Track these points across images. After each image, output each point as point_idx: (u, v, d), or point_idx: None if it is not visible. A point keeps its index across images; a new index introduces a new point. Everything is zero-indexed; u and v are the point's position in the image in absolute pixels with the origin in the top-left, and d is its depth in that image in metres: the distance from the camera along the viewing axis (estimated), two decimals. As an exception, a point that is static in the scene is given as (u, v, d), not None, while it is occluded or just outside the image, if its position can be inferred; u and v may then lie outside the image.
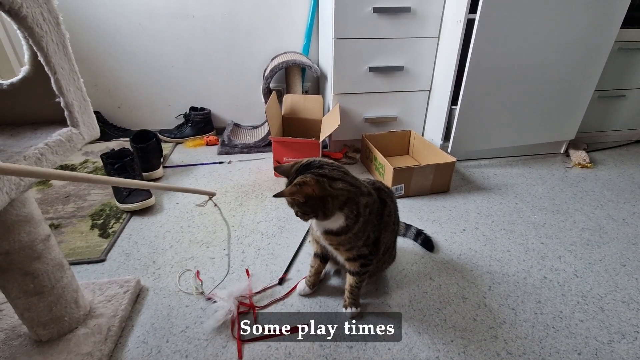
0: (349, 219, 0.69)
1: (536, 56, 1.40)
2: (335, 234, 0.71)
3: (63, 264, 0.74)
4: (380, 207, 0.76)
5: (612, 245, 1.11)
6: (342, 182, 0.67)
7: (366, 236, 0.73)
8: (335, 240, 0.73)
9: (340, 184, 0.66)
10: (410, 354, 0.76)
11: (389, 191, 0.83)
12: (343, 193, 0.66)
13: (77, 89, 0.71)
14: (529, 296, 0.91)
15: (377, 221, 0.75)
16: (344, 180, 0.68)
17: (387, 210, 0.79)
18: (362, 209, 0.69)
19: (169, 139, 1.86)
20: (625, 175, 1.55)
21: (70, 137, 0.67)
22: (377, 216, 0.75)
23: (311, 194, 0.64)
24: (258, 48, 1.87)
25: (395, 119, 1.69)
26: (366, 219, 0.71)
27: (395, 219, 0.84)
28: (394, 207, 0.83)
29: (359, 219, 0.69)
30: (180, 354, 0.76)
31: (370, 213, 0.72)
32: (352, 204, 0.68)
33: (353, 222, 0.69)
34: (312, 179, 0.64)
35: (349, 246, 0.73)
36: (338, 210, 0.67)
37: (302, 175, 0.65)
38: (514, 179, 1.52)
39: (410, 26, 1.49)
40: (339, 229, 0.70)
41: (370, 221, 0.72)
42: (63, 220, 1.20)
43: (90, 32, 1.71)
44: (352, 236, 0.71)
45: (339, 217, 0.69)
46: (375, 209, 0.74)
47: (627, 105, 1.80)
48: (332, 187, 0.65)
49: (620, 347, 0.78)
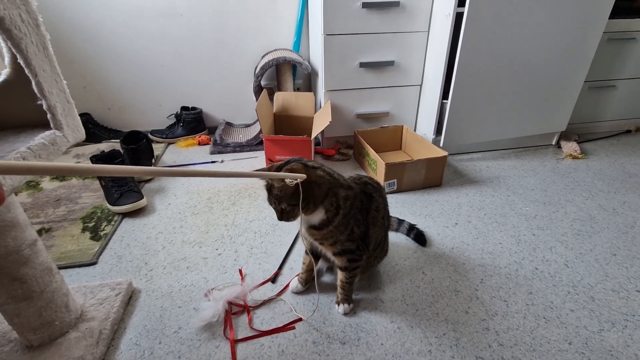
0: (329, 212, 0.70)
1: (526, 48, 1.40)
2: (317, 228, 0.73)
3: (51, 268, 0.73)
4: (366, 201, 0.77)
5: (603, 235, 1.12)
6: (321, 170, 0.70)
7: (349, 230, 0.73)
8: (318, 235, 0.74)
9: (320, 172, 0.69)
10: (402, 348, 0.77)
11: (377, 186, 0.83)
12: (324, 181, 0.68)
13: (60, 91, 0.70)
14: (521, 288, 0.92)
15: (361, 216, 0.75)
16: (323, 169, 0.70)
17: (374, 204, 0.79)
18: (341, 201, 0.71)
19: (160, 139, 1.85)
20: (616, 165, 1.56)
21: (54, 140, 0.66)
22: (361, 211, 0.75)
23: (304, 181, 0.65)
24: (248, 46, 1.85)
25: (387, 115, 1.69)
26: (347, 212, 0.71)
27: (384, 214, 0.84)
28: (382, 202, 0.83)
29: (339, 212, 0.71)
30: (173, 354, 0.76)
31: (352, 207, 0.72)
32: (331, 196, 0.70)
33: (333, 214, 0.70)
34: (298, 164, 0.67)
35: (332, 240, 0.74)
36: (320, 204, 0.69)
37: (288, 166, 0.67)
38: (506, 171, 1.53)
39: (400, 21, 1.48)
40: (320, 222, 0.72)
41: (352, 215, 0.73)
42: (54, 224, 1.19)
43: (78, 34, 1.69)
44: (334, 229, 0.72)
45: (320, 210, 0.70)
46: (359, 204, 0.74)
47: (617, 95, 1.81)
48: (315, 174, 0.68)
49: (610, 336, 0.79)
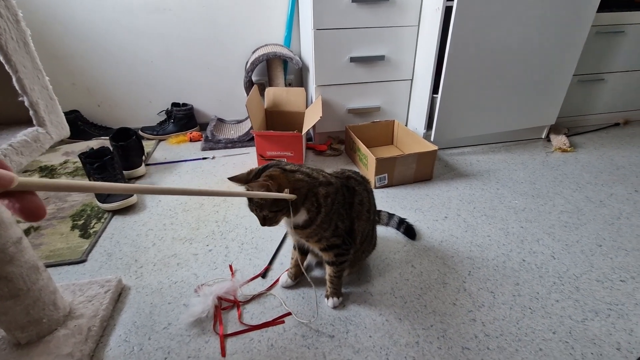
0: (311, 212, 0.71)
1: (514, 42, 1.41)
2: (301, 227, 0.74)
3: (38, 266, 0.73)
4: (348, 195, 0.77)
5: (589, 226, 1.13)
6: (299, 173, 0.70)
7: (334, 226, 0.74)
8: (303, 234, 0.75)
9: (298, 175, 0.69)
10: (390, 340, 0.78)
11: (362, 179, 0.83)
12: (302, 184, 0.68)
13: (43, 88, 0.69)
14: (508, 279, 0.93)
15: (344, 210, 0.75)
16: (301, 172, 0.70)
17: (357, 198, 0.79)
18: (321, 199, 0.71)
19: (151, 136, 1.84)
20: (605, 157, 1.58)
21: (36, 137, 0.65)
22: (344, 205, 0.75)
23: (281, 184, 0.65)
24: (239, 41, 1.84)
25: (379, 109, 1.69)
26: (329, 209, 0.72)
27: (369, 207, 0.84)
28: (367, 195, 0.83)
29: (321, 210, 0.71)
30: (163, 350, 0.76)
31: (334, 203, 0.73)
32: (311, 196, 0.70)
33: (315, 214, 0.71)
34: (276, 170, 0.67)
35: (317, 237, 0.75)
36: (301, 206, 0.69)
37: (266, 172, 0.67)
38: (496, 164, 1.54)
39: (390, 15, 1.48)
40: (303, 222, 0.73)
41: (335, 211, 0.73)
42: (43, 222, 1.18)
43: (65, 30, 1.66)
44: (317, 227, 0.73)
45: (302, 212, 0.71)
46: (341, 198, 0.75)
47: (606, 88, 1.83)
48: (294, 177, 0.68)
49: (594, 325, 0.80)
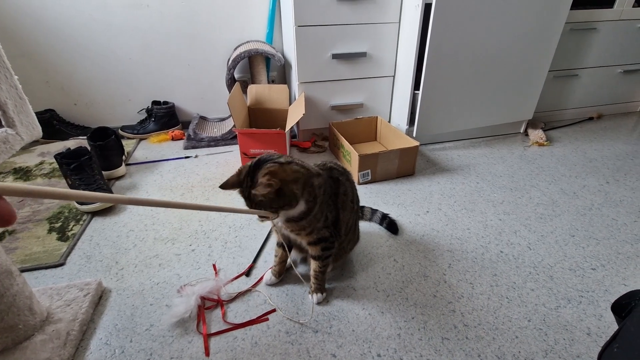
0: (309, 202, 0.70)
1: (492, 39, 1.44)
2: (296, 220, 0.72)
3: (12, 271, 0.71)
4: (333, 186, 0.77)
5: (563, 217, 1.18)
6: (294, 164, 0.69)
7: (324, 217, 0.75)
8: (296, 226, 0.74)
9: (294, 166, 0.68)
10: (373, 333, 0.79)
11: (343, 170, 0.84)
12: (300, 175, 0.68)
13: (11, 87, 0.67)
14: (486, 270, 0.96)
15: (332, 201, 0.76)
16: (295, 163, 0.70)
17: (341, 188, 0.79)
18: (317, 190, 0.71)
19: (131, 135, 1.80)
20: (579, 151, 1.64)
21: (5, 138, 0.63)
22: (331, 196, 0.76)
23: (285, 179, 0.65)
24: (220, 37, 1.81)
25: (362, 106, 1.70)
26: (322, 200, 0.72)
27: (352, 197, 0.85)
28: (349, 185, 0.83)
29: (317, 200, 0.71)
30: (145, 352, 0.75)
31: (325, 193, 0.73)
32: (308, 187, 0.69)
33: (313, 204, 0.71)
34: (274, 165, 0.65)
35: (310, 229, 0.75)
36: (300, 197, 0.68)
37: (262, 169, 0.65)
38: (476, 159, 1.58)
39: (371, 11, 1.49)
40: (300, 214, 0.71)
41: (325, 202, 0.74)
42: (18, 226, 1.15)
43: (36, 25, 1.60)
44: (312, 218, 0.72)
45: (301, 203, 0.70)
46: (328, 189, 0.75)
47: (580, 83, 1.89)
48: (291, 169, 0.67)
49: (566, 312, 0.84)
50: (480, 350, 0.75)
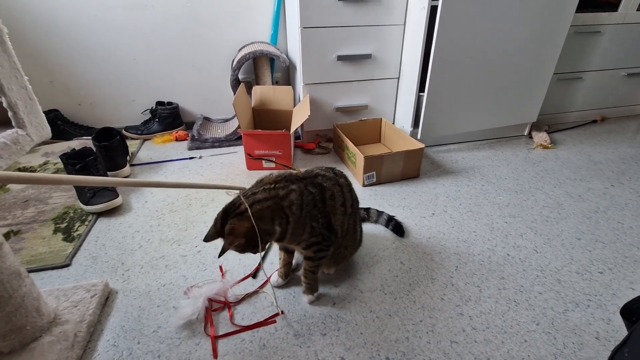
0: (282, 225, 0.73)
1: (497, 42, 1.44)
2: (277, 240, 0.76)
3: (20, 272, 0.70)
4: (318, 193, 0.76)
5: (569, 220, 1.18)
6: (258, 202, 0.71)
7: (309, 228, 0.75)
8: (281, 243, 0.78)
9: (257, 206, 0.70)
10: (381, 336, 0.79)
11: (333, 175, 0.81)
12: (266, 212, 0.71)
13: (21, 88, 0.67)
14: (493, 273, 0.96)
15: (317, 210, 0.75)
16: (259, 199, 0.71)
17: (327, 194, 0.77)
18: (287, 211, 0.72)
19: (135, 135, 1.80)
20: (583, 153, 1.64)
21: (16, 139, 0.63)
22: (315, 205, 0.75)
23: (248, 227, 0.69)
24: (224, 38, 1.82)
25: (366, 108, 1.70)
26: (298, 215, 0.73)
27: (344, 201, 0.81)
28: (338, 189, 0.80)
29: (290, 220, 0.73)
30: (152, 354, 0.75)
31: (302, 208, 0.73)
32: (278, 214, 0.72)
33: (286, 224, 0.73)
34: (233, 221, 0.70)
35: (296, 242, 0.77)
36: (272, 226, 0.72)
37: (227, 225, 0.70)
38: (481, 161, 1.57)
39: (376, 13, 1.49)
40: (278, 236, 0.74)
41: (305, 215, 0.74)
42: (23, 226, 1.15)
43: (41, 26, 1.60)
44: (291, 235, 0.74)
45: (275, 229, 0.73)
46: (309, 199, 0.74)
47: (584, 86, 1.89)
48: (256, 211, 0.70)
49: (574, 315, 0.84)
50: (490, 353, 0.75)
